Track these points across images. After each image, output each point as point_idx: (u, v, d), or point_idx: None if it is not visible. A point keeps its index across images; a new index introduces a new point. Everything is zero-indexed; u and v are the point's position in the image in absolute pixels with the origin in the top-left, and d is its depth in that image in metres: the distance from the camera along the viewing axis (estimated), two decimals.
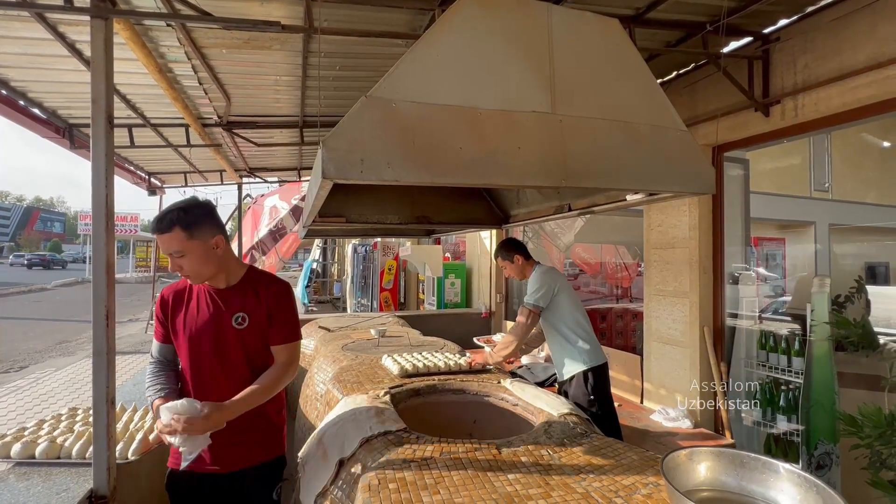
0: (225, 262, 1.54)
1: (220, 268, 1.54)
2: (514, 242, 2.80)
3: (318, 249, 13.79)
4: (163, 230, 1.44)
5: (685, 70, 3.05)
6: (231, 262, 1.57)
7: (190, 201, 1.53)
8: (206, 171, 5.27)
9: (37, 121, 3.29)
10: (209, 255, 1.48)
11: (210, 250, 1.48)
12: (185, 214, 1.45)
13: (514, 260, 2.71)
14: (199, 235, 1.46)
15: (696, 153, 1.65)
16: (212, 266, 1.51)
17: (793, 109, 2.48)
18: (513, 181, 1.40)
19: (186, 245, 1.44)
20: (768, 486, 1.14)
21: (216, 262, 1.51)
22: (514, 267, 2.73)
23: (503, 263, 2.76)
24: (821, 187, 7.80)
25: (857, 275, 2.77)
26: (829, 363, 2.64)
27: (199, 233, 1.46)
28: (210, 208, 1.54)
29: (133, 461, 1.88)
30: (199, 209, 1.50)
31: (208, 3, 1.99)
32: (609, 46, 1.63)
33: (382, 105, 1.27)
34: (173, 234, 1.43)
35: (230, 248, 1.58)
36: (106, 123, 1.56)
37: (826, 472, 2.61)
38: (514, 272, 2.75)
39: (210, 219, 1.50)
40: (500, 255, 2.76)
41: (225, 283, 1.57)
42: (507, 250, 2.74)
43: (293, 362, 1.58)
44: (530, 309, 2.52)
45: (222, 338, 1.54)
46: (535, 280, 2.59)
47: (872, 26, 2.13)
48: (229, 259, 1.56)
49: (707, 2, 2.22)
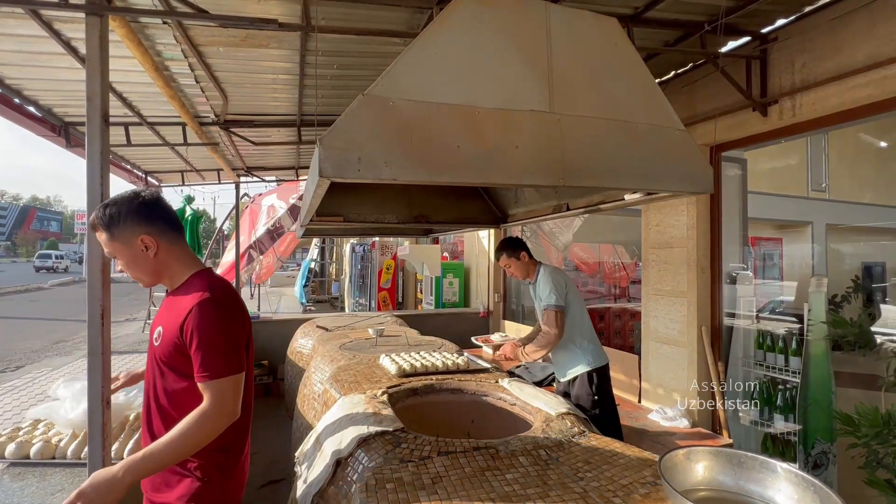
0: (164, 264, 1.29)
1: (159, 271, 1.30)
2: (517, 241, 2.74)
3: (316, 249, 13.78)
4: (92, 231, 1.28)
5: (683, 69, 3.05)
6: (173, 265, 1.30)
7: (116, 196, 1.29)
8: (203, 169, 5.25)
9: (32, 119, 3.27)
10: (137, 257, 1.25)
11: (138, 252, 1.25)
12: (104, 212, 1.24)
13: (520, 258, 2.65)
14: (119, 236, 1.24)
15: (694, 153, 1.65)
16: (145, 269, 1.28)
17: (790, 109, 2.48)
18: (511, 180, 1.40)
19: (111, 247, 1.25)
20: (766, 485, 1.14)
21: (150, 265, 1.27)
22: (519, 265, 2.66)
23: (508, 262, 2.68)
24: (818, 187, 7.82)
25: (854, 274, 2.78)
26: (827, 363, 2.64)
27: (120, 233, 1.24)
28: (132, 203, 1.26)
29: None
30: (117, 205, 1.25)
31: (205, 0, 1.98)
32: (607, 45, 1.63)
33: (380, 103, 1.27)
34: (98, 234, 1.26)
35: (174, 248, 1.31)
36: (101, 122, 1.55)
37: (823, 472, 2.61)
38: (518, 271, 2.68)
39: (133, 216, 1.24)
40: (505, 254, 2.68)
41: (170, 288, 1.33)
42: (512, 248, 2.68)
43: (218, 408, 1.15)
44: (556, 310, 2.45)
45: (148, 360, 1.32)
46: (547, 281, 2.53)
47: (871, 26, 2.14)
48: (170, 261, 1.30)
49: (705, 1, 2.22)
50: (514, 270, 2.70)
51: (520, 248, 2.67)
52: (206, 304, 1.19)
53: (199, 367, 1.16)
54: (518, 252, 2.66)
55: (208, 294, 1.21)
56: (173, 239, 1.31)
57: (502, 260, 2.70)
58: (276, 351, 4.85)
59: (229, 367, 1.17)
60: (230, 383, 1.17)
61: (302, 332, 4.14)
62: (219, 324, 1.19)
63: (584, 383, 2.47)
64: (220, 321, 1.20)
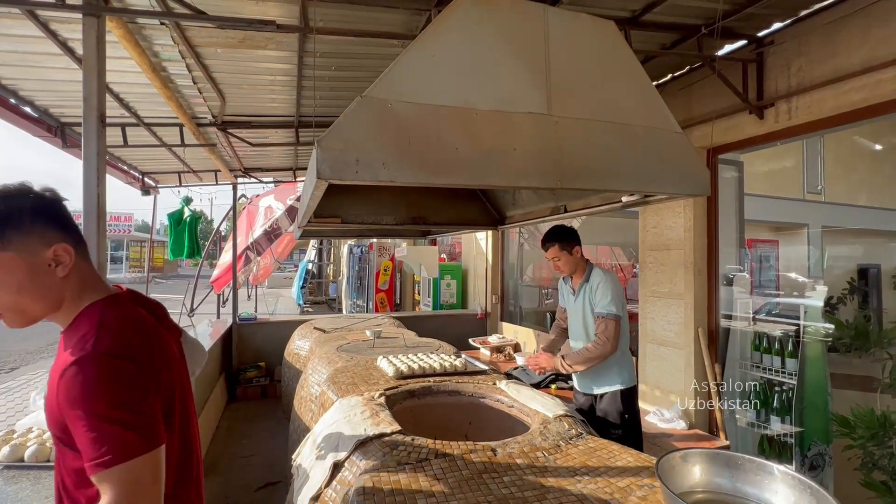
0: (72, 290, 0.89)
1: (60, 299, 0.89)
2: (571, 232, 2.37)
3: (314, 250, 13.75)
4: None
5: (680, 72, 3.06)
6: (79, 291, 0.90)
7: (6, 188, 0.87)
8: (200, 170, 5.24)
9: (28, 119, 3.25)
10: (36, 277, 0.85)
11: (39, 270, 0.85)
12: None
13: (573, 252, 2.33)
14: (14, 245, 0.83)
15: (691, 155, 1.65)
16: (42, 295, 0.87)
17: (786, 112, 2.50)
18: (509, 182, 1.40)
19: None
20: (763, 487, 1.15)
21: (53, 290, 0.87)
22: (570, 260, 2.34)
23: (558, 254, 2.33)
24: (814, 190, 7.86)
25: (850, 277, 2.80)
26: (822, 364, 2.66)
27: (19, 239, 0.84)
28: (38, 201, 0.88)
29: None
30: (8, 200, 0.85)
31: (203, 1, 1.97)
32: (605, 48, 1.64)
33: (378, 105, 1.26)
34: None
35: (85, 265, 0.92)
36: (98, 122, 1.55)
37: (819, 473, 2.62)
38: (567, 267, 2.36)
39: (42, 217, 0.87)
40: (558, 245, 2.32)
41: (64, 325, 0.91)
42: (566, 240, 2.32)
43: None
44: (615, 320, 2.18)
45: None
46: (607, 286, 2.26)
47: (865, 30, 2.15)
48: (78, 285, 0.90)
49: (702, 5, 2.23)
50: (562, 265, 2.36)
51: (574, 241, 2.34)
52: (86, 363, 0.79)
53: (88, 455, 0.77)
54: (572, 246, 2.33)
55: (91, 345, 0.80)
56: (85, 254, 0.94)
57: (552, 251, 2.34)
58: (272, 353, 4.84)
59: (133, 445, 0.77)
60: (140, 467, 0.78)
61: (299, 334, 4.13)
62: (109, 388, 0.79)
63: (616, 401, 2.27)
64: (111, 384, 0.79)
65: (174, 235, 5.77)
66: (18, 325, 0.89)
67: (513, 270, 5.81)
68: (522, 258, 6.10)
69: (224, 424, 4.17)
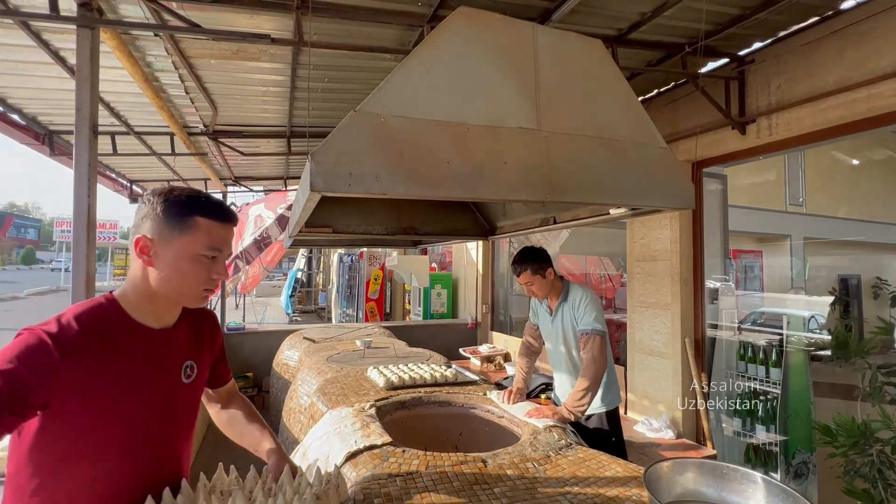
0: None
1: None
2: (542, 253, 2.21)
3: (303, 258, 13.65)
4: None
5: (665, 88, 3.15)
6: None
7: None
8: (189, 179, 5.20)
9: (15, 127, 3.22)
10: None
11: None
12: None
13: (546, 275, 2.18)
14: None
15: (676, 169, 1.70)
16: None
17: (767, 128, 2.58)
18: (499, 195, 1.43)
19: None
20: (747, 496, 1.17)
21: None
22: (544, 283, 2.18)
23: (531, 279, 2.16)
24: (795, 202, 8.07)
25: (831, 286, 2.87)
26: (805, 374, 2.71)
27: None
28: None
29: None
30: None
31: (197, 14, 1.99)
32: (592, 65, 1.69)
33: (371, 119, 1.29)
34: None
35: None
36: (90, 133, 1.55)
37: (803, 481, 2.67)
38: (541, 290, 2.20)
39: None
40: (530, 269, 2.16)
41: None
42: (538, 262, 2.16)
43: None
44: (602, 336, 2.05)
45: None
46: (591, 302, 2.13)
47: (840, 51, 2.25)
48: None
49: (686, 24, 2.31)
50: (537, 290, 2.20)
51: (547, 263, 2.19)
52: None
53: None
54: (545, 268, 2.17)
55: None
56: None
57: (524, 276, 2.17)
58: (261, 363, 4.78)
59: None
60: None
61: (288, 344, 4.09)
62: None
63: (603, 422, 2.23)
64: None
65: None
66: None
67: (503, 280, 5.85)
68: None
69: (211, 436, 4.10)
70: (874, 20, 2.13)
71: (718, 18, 2.28)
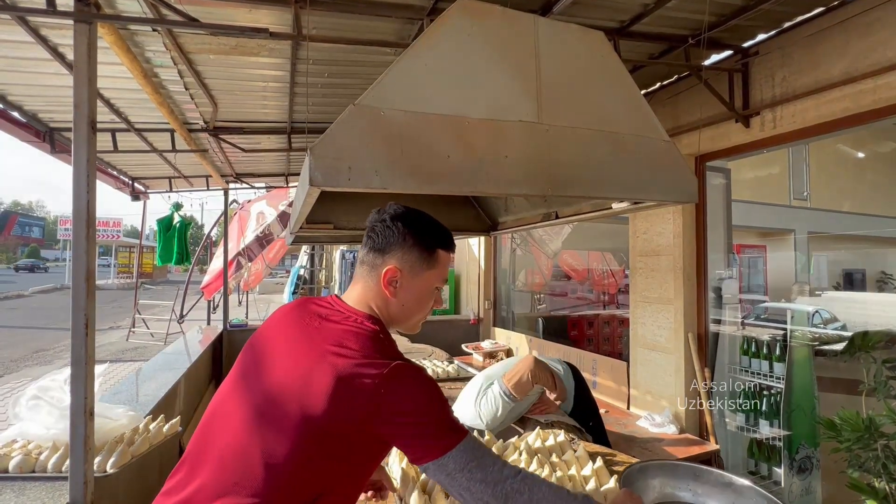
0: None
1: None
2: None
3: (306, 255, 13.65)
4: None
5: (668, 81, 3.12)
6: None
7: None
8: (191, 176, 5.20)
9: (16, 124, 3.21)
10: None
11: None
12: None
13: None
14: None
15: (679, 163, 1.69)
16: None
17: (771, 121, 2.55)
18: (500, 189, 1.42)
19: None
20: (722, 499, 1.16)
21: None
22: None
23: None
24: (800, 196, 8.02)
25: (836, 281, 2.85)
26: (809, 368, 2.70)
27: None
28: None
29: (111, 474, 1.82)
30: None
31: (195, 8, 1.98)
32: (594, 58, 1.66)
33: (371, 113, 1.28)
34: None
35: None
36: (88, 129, 1.54)
37: (807, 476, 2.66)
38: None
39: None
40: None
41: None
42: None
43: None
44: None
45: None
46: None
47: (845, 43, 2.21)
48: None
49: (689, 16, 2.28)
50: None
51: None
52: None
53: None
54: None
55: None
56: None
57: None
58: None
59: None
60: None
61: None
62: None
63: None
64: None
65: (163, 241, 5.71)
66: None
67: (505, 276, 5.84)
68: (515, 264, 6.13)
69: None
70: (881, 10, 2.09)
71: (722, 9, 2.25)
